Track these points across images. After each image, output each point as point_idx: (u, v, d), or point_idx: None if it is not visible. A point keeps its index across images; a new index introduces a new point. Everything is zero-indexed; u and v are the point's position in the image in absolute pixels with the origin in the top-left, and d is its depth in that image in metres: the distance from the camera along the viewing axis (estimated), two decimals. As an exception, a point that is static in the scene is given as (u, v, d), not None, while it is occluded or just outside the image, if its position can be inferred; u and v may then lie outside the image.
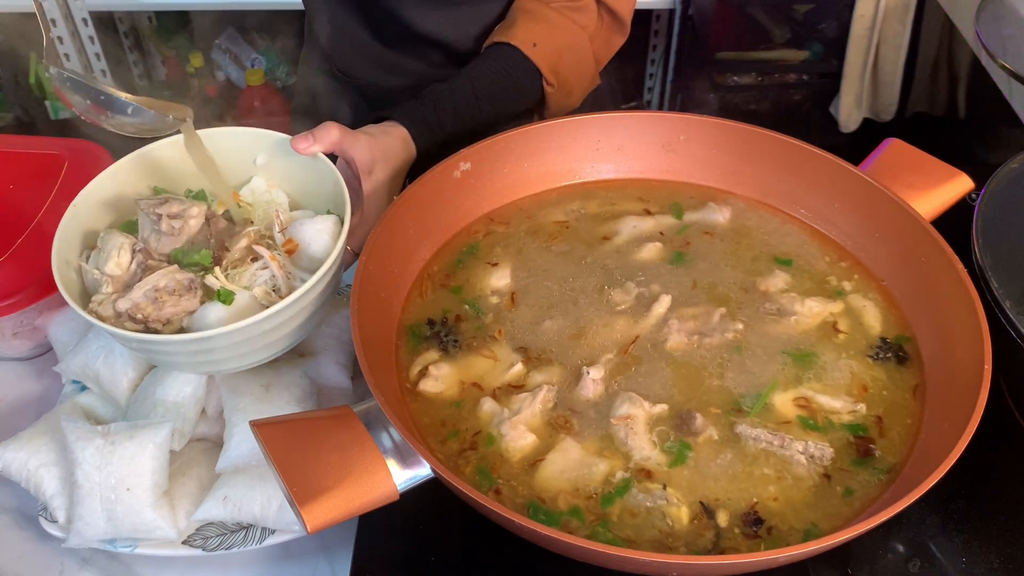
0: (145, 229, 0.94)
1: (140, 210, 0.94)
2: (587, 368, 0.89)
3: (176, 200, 0.94)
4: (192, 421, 0.96)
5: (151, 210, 0.93)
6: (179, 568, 0.95)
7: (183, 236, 0.93)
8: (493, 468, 0.83)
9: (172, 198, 0.95)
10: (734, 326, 0.94)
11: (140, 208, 0.94)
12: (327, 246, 0.93)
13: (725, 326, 0.94)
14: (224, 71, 2.81)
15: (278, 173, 1.03)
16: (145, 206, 0.93)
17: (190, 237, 0.93)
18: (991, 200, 1.00)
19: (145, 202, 0.94)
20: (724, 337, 0.93)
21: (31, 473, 0.93)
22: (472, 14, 1.29)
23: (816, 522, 0.80)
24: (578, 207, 1.10)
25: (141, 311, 0.86)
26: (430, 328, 0.96)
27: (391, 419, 0.75)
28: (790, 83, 2.43)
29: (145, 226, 0.94)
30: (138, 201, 0.95)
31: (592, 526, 0.79)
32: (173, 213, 0.93)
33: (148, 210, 0.93)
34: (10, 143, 1.23)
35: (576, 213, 1.09)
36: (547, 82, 1.24)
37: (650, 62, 2.63)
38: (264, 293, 0.89)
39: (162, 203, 0.93)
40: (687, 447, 0.84)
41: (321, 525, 0.70)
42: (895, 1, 2.16)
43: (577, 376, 0.89)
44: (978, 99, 1.95)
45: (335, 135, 0.99)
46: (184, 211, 0.93)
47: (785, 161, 1.06)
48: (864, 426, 0.87)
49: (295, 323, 0.89)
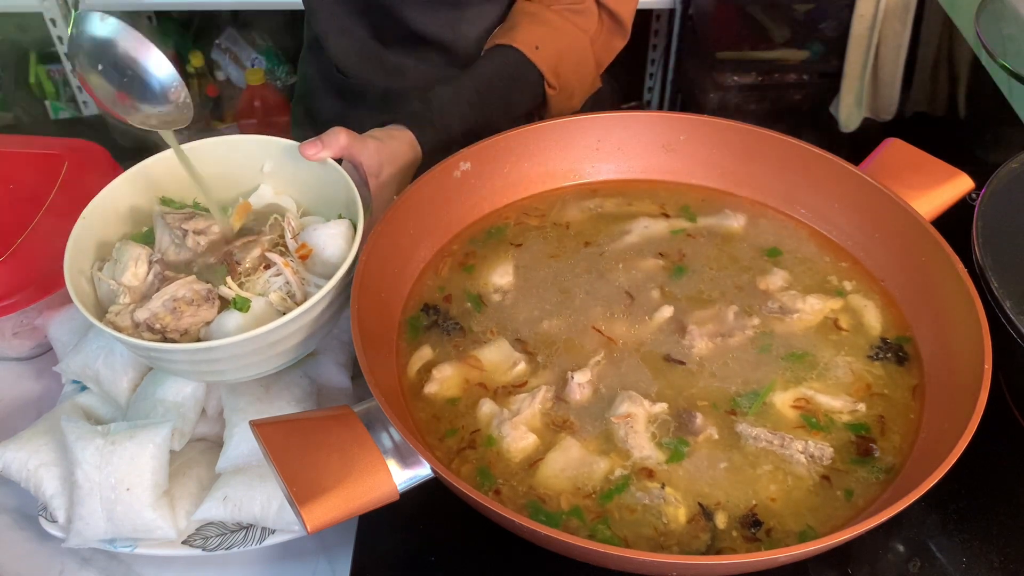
0: (163, 241, 0.95)
1: (163, 223, 0.94)
2: (571, 373, 0.89)
3: (201, 216, 0.95)
4: (192, 421, 0.96)
5: (177, 225, 0.93)
6: (179, 568, 0.95)
7: (200, 249, 0.94)
8: (493, 468, 0.83)
9: (197, 213, 0.95)
10: (751, 322, 0.94)
11: (164, 221, 0.94)
12: (341, 250, 0.93)
13: (742, 323, 0.94)
14: (224, 71, 2.80)
15: (286, 180, 1.03)
16: (171, 220, 0.94)
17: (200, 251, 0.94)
18: (991, 200, 1.00)
19: (171, 216, 0.94)
20: (745, 335, 0.94)
21: (31, 473, 0.93)
22: (472, 16, 1.29)
23: (815, 524, 0.80)
24: (595, 205, 1.10)
25: (159, 321, 0.87)
26: (427, 316, 0.96)
27: (391, 419, 0.75)
28: (790, 83, 2.42)
29: (163, 238, 0.95)
30: (164, 215, 0.95)
31: (592, 524, 0.79)
32: (199, 229, 0.93)
33: (174, 224, 0.93)
34: (10, 143, 1.23)
35: (591, 212, 1.09)
36: (549, 85, 1.24)
37: (650, 62, 2.63)
38: (280, 299, 0.90)
39: (188, 218, 0.94)
40: (684, 444, 0.84)
41: (321, 525, 0.70)
42: (895, 1, 2.16)
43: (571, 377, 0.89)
44: (978, 99, 1.95)
45: (343, 140, 0.99)
46: (208, 227, 0.94)
47: (785, 161, 1.06)
48: (866, 425, 0.87)
49: (310, 329, 0.89)
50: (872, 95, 2.31)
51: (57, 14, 2.39)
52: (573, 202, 1.10)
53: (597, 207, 1.10)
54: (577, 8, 1.25)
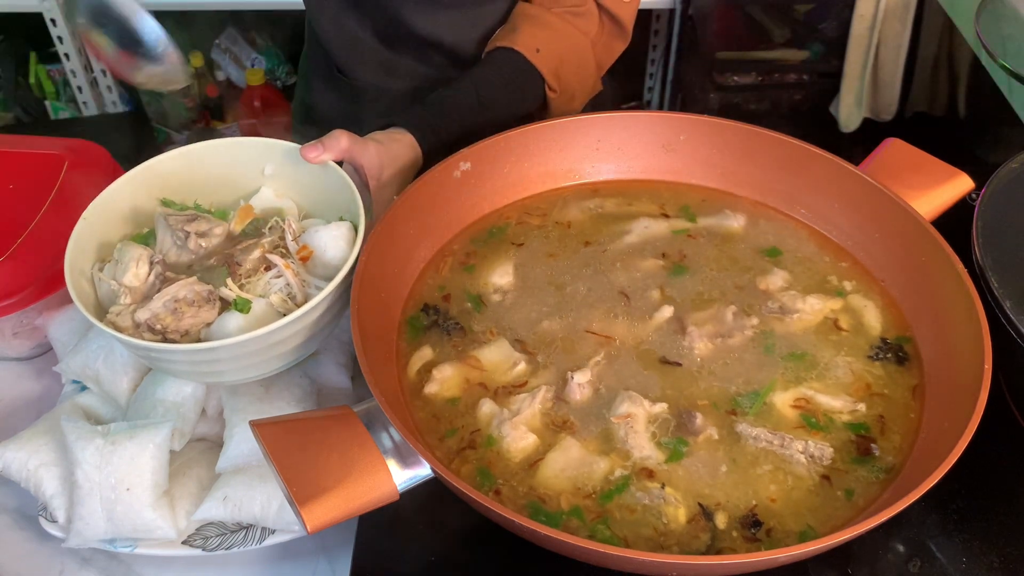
0: (165, 242, 0.95)
1: (165, 224, 0.94)
2: (571, 373, 0.89)
3: (204, 218, 0.95)
4: (192, 421, 0.96)
5: (180, 226, 0.93)
6: (179, 568, 0.95)
7: (201, 252, 0.94)
8: (493, 468, 0.83)
9: (199, 215, 0.95)
10: (750, 322, 0.94)
11: (166, 222, 0.94)
12: (342, 252, 0.93)
13: (742, 323, 0.94)
14: (224, 71, 2.80)
15: (287, 182, 1.03)
16: (174, 222, 0.94)
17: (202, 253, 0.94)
18: (991, 200, 1.00)
19: (174, 217, 0.94)
20: (745, 335, 0.94)
21: (31, 473, 0.93)
22: (473, 17, 1.29)
23: (815, 524, 0.80)
24: (595, 205, 1.10)
25: (160, 321, 0.87)
26: (427, 316, 0.96)
27: (391, 419, 0.75)
28: (790, 83, 2.42)
29: (165, 239, 0.95)
30: (166, 216, 0.95)
31: (592, 524, 0.79)
32: (201, 231, 0.93)
33: (177, 226, 0.93)
34: (10, 143, 1.23)
35: (592, 212, 1.09)
36: (550, 88, 1.24)
37: (650, 62, 2.63)
38: (281, 300, 0.90)
39: (191, 220, 0.94)
40: (684, 444, 0.84)
41: (321, 525, 0.70)
42: (895, 1, 2.16)
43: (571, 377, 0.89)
44: (978, 99, 1.95)
45: (344, 143, 0.99)
46: (210, 230, 0.94)
47: (785, 161, 1.06)
48: (866, 425, 0.87)
49: (311, 331, 0.89)
50: (872, 95, 2.31)
51: (57, 14, 2.39)
52: (573, 202, 1.10)
53: (597, 207, 1.10)
54: (578, 11, 1.25)
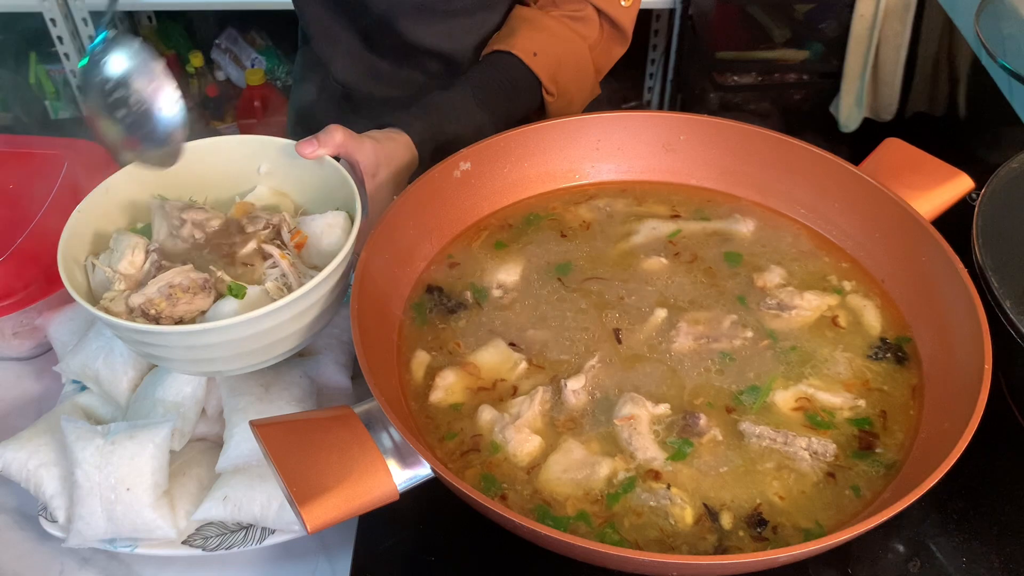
0: (161, 231, 0.95)
1: (161, 211, 0.94)
2: (564, 380, 0.89)
3: (199, 208, 0.95)
4: (192, 421, 0.96)
5: (176, 213, 0.93)
6: (179, 568, 0.95)
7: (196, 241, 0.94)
8: (498, 472, 0.83)
9: (195, 206, 0.95)
10: (743, 333, 0.94)
11: (163, 209, 0.94)
12: (338, 240, 0.93)
13: (734, 332, 0.94)
14: (224, 71, 2.81)
15: (283, 179, 1.03)
16: (170, 208, 0.94)
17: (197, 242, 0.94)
18: (991, 200, 1.00)
19: (170, 204, 0.94)
20: (745, 334, 0.94)
21: (31, 473, 0.93)
22: (467, 25, 1.28)
23: (821, 520, 0.80)
24: (604, 204, 1.10)
25: (155, 307, 0.86)
26: (431, 297, 0.97)
27: (391, 419, 0.75)
28: (790, 83, 2.43)
29: (161, 228, 0.95)
30: (163, 203, 0.95)
31: (600, 528, 0.79)
32: (197, 220, 0.93)
33: (173, 213, 0.93)
34: (10, 143, 1.23)
35: (599, 212, 1.09)
36: (547, 91, 1.24)
37: (650, 62, 2.63)
38: (276, 288, 0.89)
39: (187, 208, 0.94)
40: (688, 444, 0.84)
41: (321, 525, 0.70)
42: (895, 1, 2.16)
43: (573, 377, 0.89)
44: (978, 99, 1.95)
45: (339, 138, 0.99)
46: (207, 220, 0.94)
47: (785, 161, 1.06)
48: (868, 419, 0.87)
49: (306, 319, 0.89)
50: (872, 95, 2.31)
51: (57, 14, 2.39)
52: (581, 202, 1.10)
53: (606, 207, 1.10)
54: (577, 15, 1.24)
